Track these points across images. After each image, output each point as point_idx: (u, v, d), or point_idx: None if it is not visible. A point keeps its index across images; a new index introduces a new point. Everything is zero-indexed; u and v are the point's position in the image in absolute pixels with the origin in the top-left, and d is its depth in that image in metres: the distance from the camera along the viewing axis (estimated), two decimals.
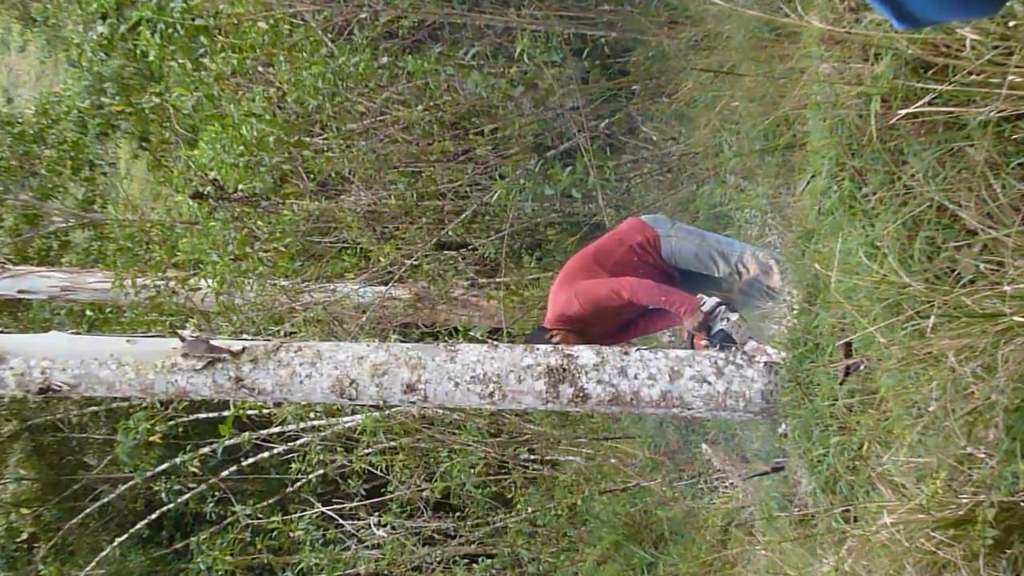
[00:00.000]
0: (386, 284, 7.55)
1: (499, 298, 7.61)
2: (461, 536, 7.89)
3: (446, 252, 8.00)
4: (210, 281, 6.99)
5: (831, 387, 3.27)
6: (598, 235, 5.55)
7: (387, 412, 7.26)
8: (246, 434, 7.69)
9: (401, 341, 5.48)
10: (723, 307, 4.22)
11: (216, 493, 8.33)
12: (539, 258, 8.32)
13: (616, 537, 6.43)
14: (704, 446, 5.65)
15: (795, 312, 3.81)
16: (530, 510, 7.55)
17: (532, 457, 7.67)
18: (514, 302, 7.72)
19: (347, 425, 7.72)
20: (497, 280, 7.95)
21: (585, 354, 3.97)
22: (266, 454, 8.22)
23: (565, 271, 4.77)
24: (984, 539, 2.25)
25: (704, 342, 4.20)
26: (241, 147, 6.74)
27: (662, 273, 4.74)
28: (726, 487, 5.34)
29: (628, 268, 4.68)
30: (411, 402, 4.01)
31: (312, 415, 7.64)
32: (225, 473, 8.35)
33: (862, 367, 3.12)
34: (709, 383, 3.87)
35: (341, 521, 7.93)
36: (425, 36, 7.35)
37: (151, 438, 7.35)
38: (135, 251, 8.22)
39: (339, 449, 7.78)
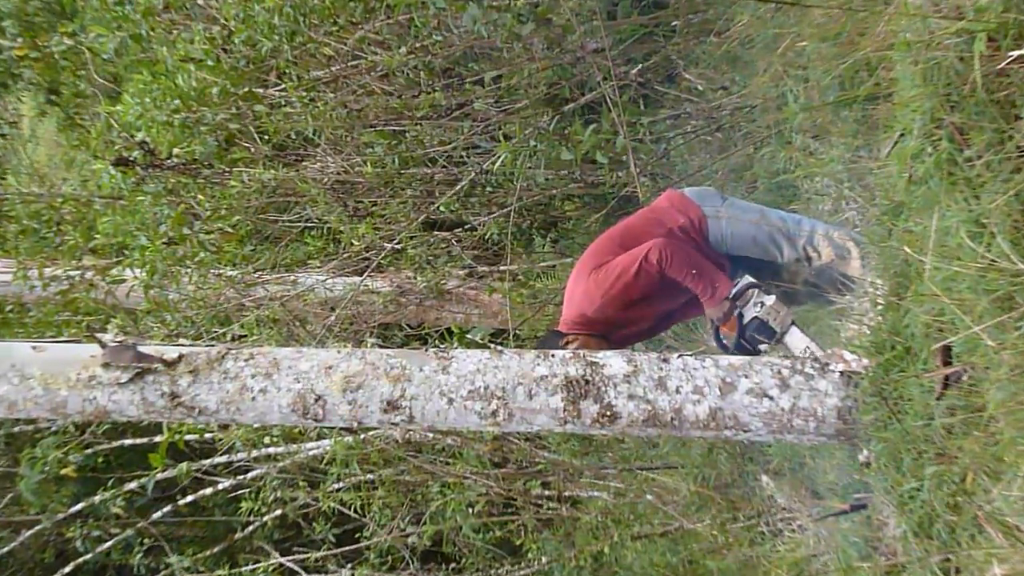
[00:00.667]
0: (361, 274, 7.56)
1: (504, 291, 7.63)
2: None
3: (436, 233, 8.01)
4: (138, 271, 7.00)
5: (926, 403, 3.27)
6: (629, 212, 5.55)
7: (363, 436, 7.28)
8: (184, 465, 7.71)
9: (380, 346, 5.50)
10: (755, 289, 4.24)
11: (146, 540, 8.33)
12: (554, 241, 8.32)
13: None
14: (764, 478, 5.65)
15: (879, 308, 3.81)
16: (544, 560, 7.56)
17: (546, 493, 7.67)
18: (523, 296, 7.73)
19: (312, 453, 7.73)
20: (501, 269, 7.96)
21: (613, 362, 3.97)
22: (209, 490, 8.23)
23: (584, 259, 4.77)
24: None
25: (732, 335, 4.24)
26: (176, 101, 6.75)
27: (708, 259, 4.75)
28: (793, 530, 5.34)
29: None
30: (393, 423, 4.01)
31: (268, 441, 7.66)
32: (157, 515, 8.36)
33: (964, 377, 3.12)
34: (771, 398, 3.87)
35: (304, 575, 7.94)
36: None
37: (63, 471, 7.37)
38: (42, 233, 8.21)
39: (302, 484, 7.80)
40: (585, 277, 4.66)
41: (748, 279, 4.35)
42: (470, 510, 7.48)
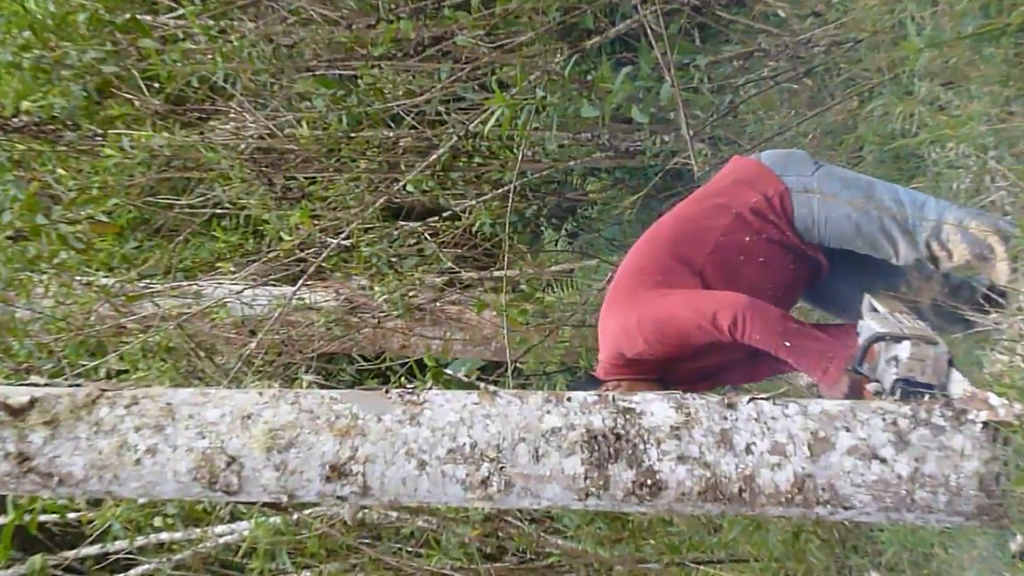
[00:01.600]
0: (294, 283, 7.55)
1: (500, 308, 7.61)
2: None
3: (403, 224, 8.01)
4: None
5: None
6: (680, 194, 5.55)
7: (296, 517, 7.26)
8: (37, 559, 7.69)
9: (321, 386, 5.48)
10: (880, 343, 4.18)
11: None
12: (571, 235, 8.33)
13: None
14: (874, 575, 5.65)
15: None
16: None
17: None
18: (527, 315, 7.72)
19: (223, 541, 7.71)
20: (496, 275, 7.95)
21: (656, 408, 3.97)
22: None
23: (621, 277, 4.77)
24: None
25: (875, 389, 4.19)
26: (27, 33, 6.74)
27: (796, 261, 4.74)
28: None
29: (736, 262, 4.68)
30: (340, 497, 4.01)
31: (159, 523, 7.65)
32: None
33: None
34: (883, 461, 3.87)
35: None
36: None
37: None
38: None
39: None
40: (624, 307, 4.65)
41: (868, 329, 4.29)
42: None
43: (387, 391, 4.07)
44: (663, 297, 4.57)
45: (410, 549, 7.62)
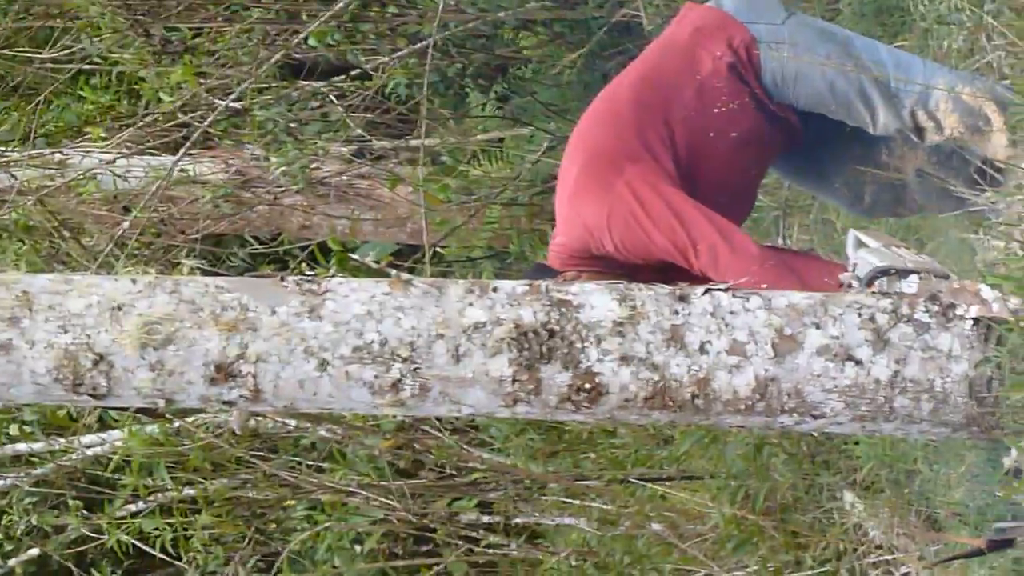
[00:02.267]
0: (175, 152, 7.51)
1: (417, 182, 7.61)
2: None
3: (304, 84, 8.00)
4: None
5: None
6: (629, 51, 5.53)
7: (176, 424, 7.27)
8: None
9: (206, 272, 5.47)
10: (885, 276, 4.19)
11: None
12: (502, 99, 8.32)
13: None
14: (848, 496, 5.72)
15: None
16: None
17: (486, 520, 7.72)
18: (449, 191, 7.72)
19: (92, 453, 7.72)
20: (413, 144, 7.94)
21: (596, 300, 3.97)
22: None
23: (588, 157, 4.75)
24: None
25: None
26: None
27: (770, 125, 4.75)
28: None
29: (706, 138, 4.68)
30: (227, 402, 4.01)
31: (14, 432, 7.65)
32: None
33: None
34: (858, 362, 3.89)
35: None
36: None
37: None
38: None
39: (74, 504, 7.79)
40: (596, 196, 4.63)
41: (866, 263, 4.28)
42: (357, 548, 7.52)
43: (283, 279, 4.04)
44: (641, 205, 4.58)
45: (311, 463, 7.65)
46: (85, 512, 7.79)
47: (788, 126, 4.74)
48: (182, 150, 7.38)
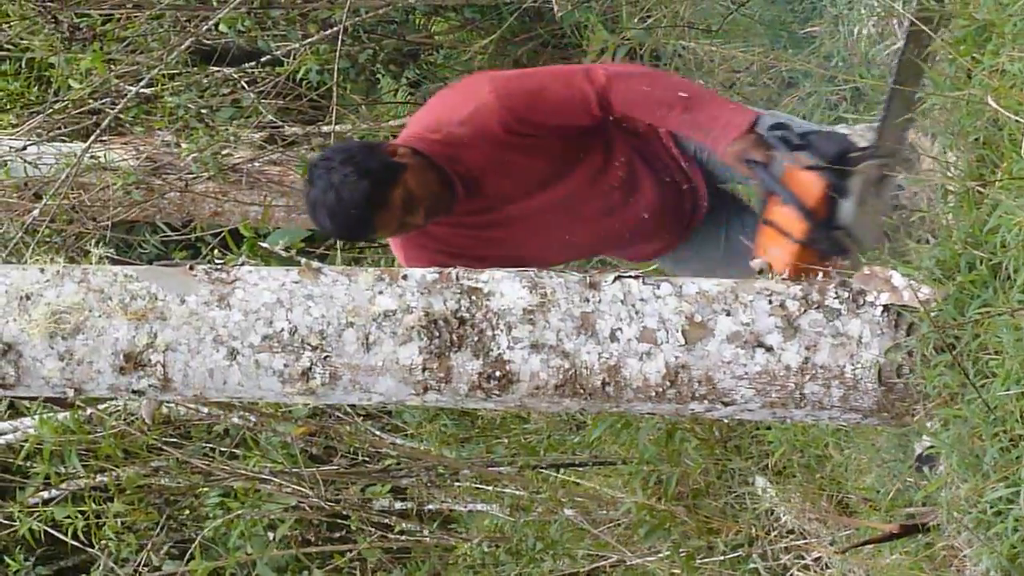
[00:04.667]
0: (87, 138, 7.45)
1: None
2: None
3: (215, 70, 8.00)
4: None
5: None
6: (540, 37, 5.51)
7: (88, 412, 7.22)
8: None
9: (115, 261, 5.43)
10: (782, 131, 4.23)
11: None
12: (413, 84, 8.31)
13: None
14: (760, 482, 5.74)
15: (949, 200, 3.84)
16: None
17: (398, 506, 7.72)
18: None
19: (3, 440, 7.67)
20: (324, 130, 7.90)
21: (506, 288, 3.96)
22: None
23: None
24: None
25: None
26: None
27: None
28: (806, 566, 5.44)
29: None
30: (136, 391, 3.98)
31: None
32: None
33: None
34: (768, 349, 3.90)
35: None
36: None
37: None
38: None
39: None
40: (479, 82, 4.63)
41: (775, 114, 4.31)
42: (270, 535, 7.49)
43: (191, 267, 4.02)
44: (521, 76, 4.64)
45: (224, 449, 7.62)
46: None
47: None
48: (92, 137, 7.33)
